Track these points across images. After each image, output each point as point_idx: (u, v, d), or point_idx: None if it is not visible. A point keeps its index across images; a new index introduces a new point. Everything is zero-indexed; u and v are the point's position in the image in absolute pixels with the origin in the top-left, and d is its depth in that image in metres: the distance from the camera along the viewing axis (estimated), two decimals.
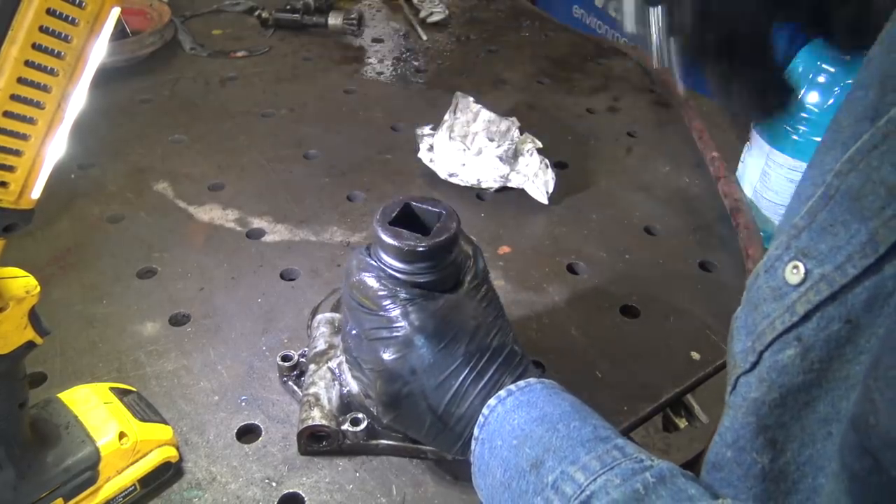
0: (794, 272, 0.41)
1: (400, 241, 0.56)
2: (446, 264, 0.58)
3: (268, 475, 0.63)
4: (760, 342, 0.43)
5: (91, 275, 0.83)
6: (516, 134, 0.99)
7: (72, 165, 1.00)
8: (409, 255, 0.56)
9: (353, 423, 0.64)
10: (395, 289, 0.56)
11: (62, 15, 0.40)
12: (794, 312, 0.41)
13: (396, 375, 0.56)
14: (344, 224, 0.94)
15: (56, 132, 0.43)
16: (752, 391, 0.44)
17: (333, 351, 0.69)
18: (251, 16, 1.42)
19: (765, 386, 0.43)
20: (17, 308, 0.49)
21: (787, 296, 0.42)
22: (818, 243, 0.40)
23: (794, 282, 0.41)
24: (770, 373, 0.43)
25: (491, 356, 0.56)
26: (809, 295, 0.40)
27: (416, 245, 0.56)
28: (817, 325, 0.40)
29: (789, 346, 0.42)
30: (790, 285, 0.41)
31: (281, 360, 0.71)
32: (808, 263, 0.40)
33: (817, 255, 0.40)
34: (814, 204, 0.40)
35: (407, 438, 0.64)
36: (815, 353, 0.41)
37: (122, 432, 0.59)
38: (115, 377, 0.71)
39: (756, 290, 0.45)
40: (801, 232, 0.41)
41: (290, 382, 0.70)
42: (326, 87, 1.25)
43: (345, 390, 0.65)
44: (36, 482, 0.54)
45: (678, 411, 0.74)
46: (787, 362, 0.42)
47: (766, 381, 0.43)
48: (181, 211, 0.94)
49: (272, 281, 0.84)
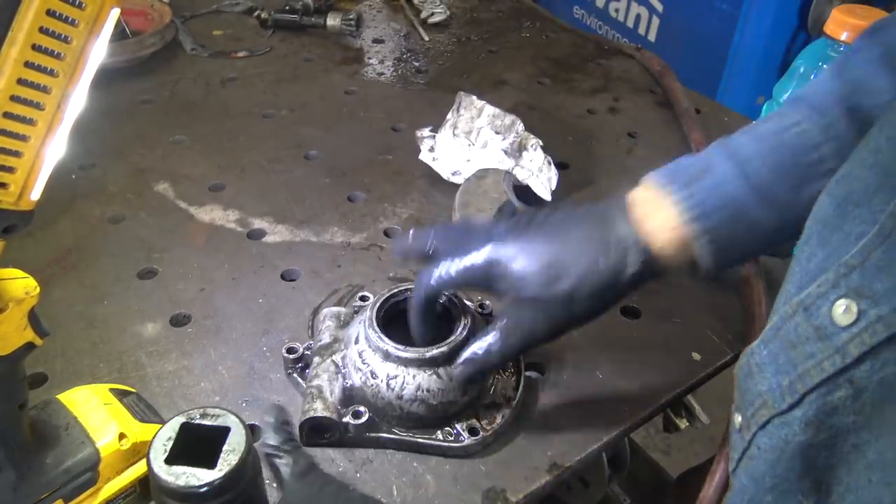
0: (845, 312, 0.39)
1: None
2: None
3: (268, 476, 0.63)
4: (803, 383, 0.42)
5: (92, 275, 0.83)
6: (521, 127, 0.99)
7: (72, 166, 1.00)
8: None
9: (355, 416, 0.64)
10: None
11: (62, 16, 0.40)
12: (846, 354, 0.39)
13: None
14: (345, 224, 0.93)
15: (56, 133, 0.43)
16: (798, 434, 0.42)
17: (338, 344, 0.69)
18: (251, 16, 1.43)
19: (812, 428, 0.42)
20: (17, 309, 0.49)
21: (835, 336, 0.40)
22: (873, 283, 0.38)
23: (845, 322, 0.39)
24: (818, 414, 0.41)
25: None
26: (864, 336, 0.38)
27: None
28: (871, 367, 0.39)
29: (840, 387, 0.40)
30: (839, 325, 0.40)
31: (286, 352, 0.71)
32: (861, 303, 0.39)
33: (872, 295, 0.38)
34: (868, 242, 0.39)
35: (409, 432, 0.65)
36: (868, 395, 0.39)
37: (121, 433, 0.58)
38: (116, 378, 0.71)
39: (793, 329, 0.43)
40: (853, 270, 0.39)
41: (294, 375, 0.71)
42: (327, 87, 1.25)
43: (348, 383, 0.65)
44: (36, 483, 0.54)
45: (679, 412, 0.74)
46: (838, 404, 0.40)
47: (814, 423, 0.42)
48: (182, 211, 0.94)
49: (273, 281, 0.84)
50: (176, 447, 0.49)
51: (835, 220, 0.44)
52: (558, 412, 0.70)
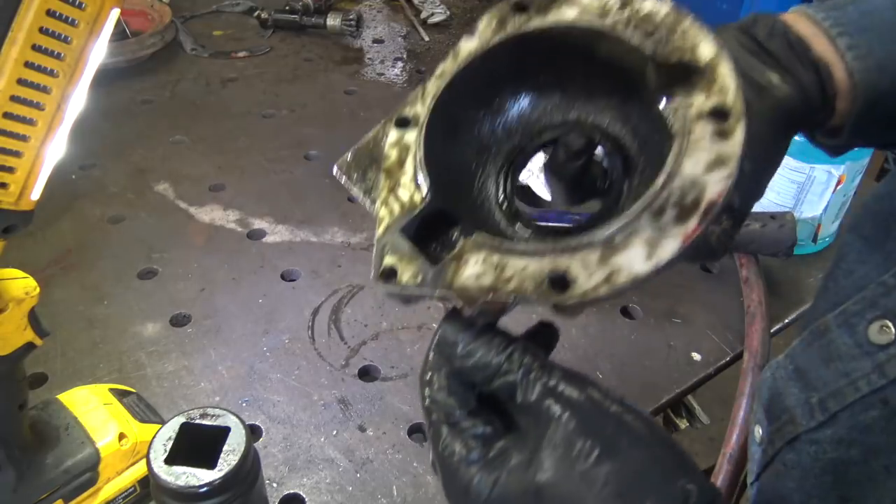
0: (884, 331, 0.39)
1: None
2: None
3: (268, 476, 0.63)
4: (836, 401, 0.41)
5: (92, 275, 0.83)
6: None
7: (73, 166, 1.00)
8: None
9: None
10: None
11: (62, 16, 0.40)
12: (882, 374, 0.39)
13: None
14: (345, 225, 0.93)
15: (56, 133, 0.43)
16: (828, 452, 0.42)
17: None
18: (251, 16, 1.42)
19: (844, 446, 0.41)
20: (17, 309, 0.49)
21: (872, 355, 0.40)
22: None
23: (883, 342, 0.39)
24: (851, 432, 0.41)
25: None
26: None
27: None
28: None
29: (873, 407, 0.40)
30: (876, 345, 0.39)
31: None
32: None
33: None
34: None
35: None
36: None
37: (121, 433, 0.58)
38: (116, 378, 0.71)
39: (826, 345, 0.43)
40: (892, 290, 0.39)
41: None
42: (327, 87, 1.25)
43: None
44: (36, 484, 0.54)
45: (679, 412, 0.74)
46: (871, 423, 0.40)
47: (846, 440, 0.41)
48: (182, 212, 0.94)
49: (273, 282, 0.84)
50: (176, 447, 0.49)
51: (876, 238, 0.43)
52: None
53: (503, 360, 0.36)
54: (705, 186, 0.32)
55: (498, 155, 0.44)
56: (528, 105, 0.44)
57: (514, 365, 0.36)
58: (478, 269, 0.35)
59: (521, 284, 0.34)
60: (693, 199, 0.32)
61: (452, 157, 0.42)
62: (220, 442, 0.50)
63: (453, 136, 0.42)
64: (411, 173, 0.40)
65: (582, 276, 0.33)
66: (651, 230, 0.32)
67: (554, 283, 0.33)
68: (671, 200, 0.32)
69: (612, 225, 0.33)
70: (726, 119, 0.33)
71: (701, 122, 0.33)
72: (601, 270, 0.32)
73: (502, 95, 0.44)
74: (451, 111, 0.42)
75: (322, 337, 0.77)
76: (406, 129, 0.42)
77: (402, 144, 0.41)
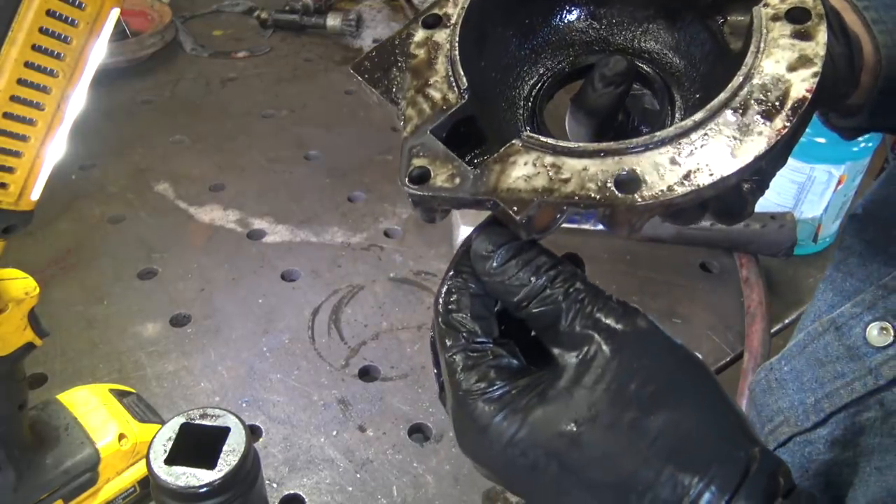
0: (882, 333, 0.39)
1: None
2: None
3: (268, 476, 0.63)
4: (831, 403, 0.41)
5: (92, 275, 0.83)
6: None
7: (72, 166, 1.00)
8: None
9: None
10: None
11: (62, 16, 0.40)
12: (878, 376, 0.39)
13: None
14: (345, 224, 0.93)
15: (56, 133, 0.43)
16: (822, 453, 0.42)
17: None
18: (251, 16, 1.42)
19: (838, 447, 0.41)
20: (17, 310, 0.49)
21: (867, 357, 0.40)
22: None
23: (880, 343, 0.39)
24: (846, 434, 0.41)
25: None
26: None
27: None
28: None
29: (869, 409, 0.40)
30: (873, 347, 0.39)
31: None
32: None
33: None
34: None
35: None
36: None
37: (121, 434, 0.58)
38: (116, 378, 0.71)
39: (822, 347, 0.42)
40: (893, 293, 0.39)
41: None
42: (327, 87, 1.24)
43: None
44: (35, 484, 0.54)
45: None
46: (867, 425, 0.40)
47: (840, 441, 0.41)
48: (182, 211, 0.94)
49: (273, 282, 0.84)
50: (176, 447, 0.49)
51: (877, 241, 0.43)
52: None
53: (545, 282, 0.31)
54: (790, 85, 0.30)
55: (526, 79, 0.40)
56: (562, 28, 0.40)
57: (559, 289, 0.31)
58: (528, 169, 0.31)
59: (581, 185, 0.30)
60: (778, 97, 0.30)
61: (477, 72, 0.38)
62: (220, 442, 0.49)
63: (480, 48, 0.39)
64: (444, 72, 0.36)
65: (653, 176, 0.29)
66: (733, 128, 0.29)
67: (620, 184, 0.29)
68: (754, 97, 0.30)
69: (687, 122, 0.30)
70: (804, 21, 0.31)
71: (778, 24, 0.31)
72: (676, 170, 0.29)
73: (533, 16, 0.40)
74: (481, 20, 0.38)
75: (322, 337, 0.77)
76: (435, 29, 0.38)
77: (431, 43, 0.37)
